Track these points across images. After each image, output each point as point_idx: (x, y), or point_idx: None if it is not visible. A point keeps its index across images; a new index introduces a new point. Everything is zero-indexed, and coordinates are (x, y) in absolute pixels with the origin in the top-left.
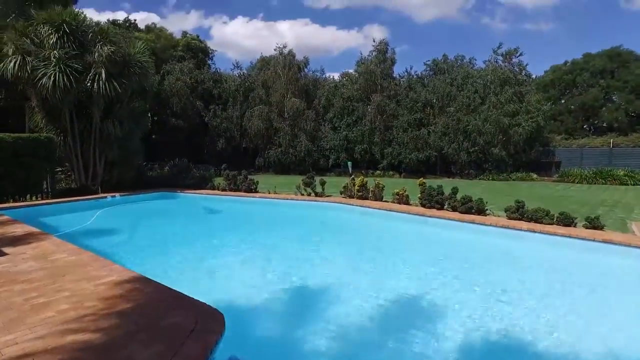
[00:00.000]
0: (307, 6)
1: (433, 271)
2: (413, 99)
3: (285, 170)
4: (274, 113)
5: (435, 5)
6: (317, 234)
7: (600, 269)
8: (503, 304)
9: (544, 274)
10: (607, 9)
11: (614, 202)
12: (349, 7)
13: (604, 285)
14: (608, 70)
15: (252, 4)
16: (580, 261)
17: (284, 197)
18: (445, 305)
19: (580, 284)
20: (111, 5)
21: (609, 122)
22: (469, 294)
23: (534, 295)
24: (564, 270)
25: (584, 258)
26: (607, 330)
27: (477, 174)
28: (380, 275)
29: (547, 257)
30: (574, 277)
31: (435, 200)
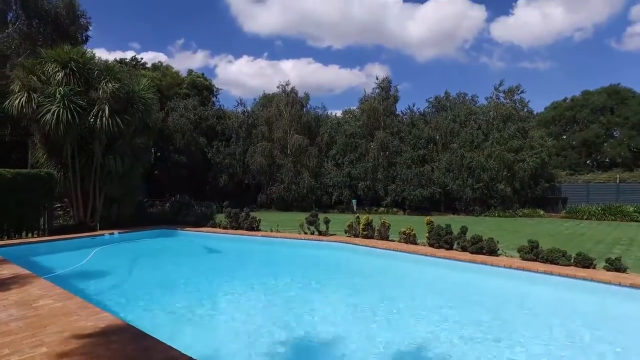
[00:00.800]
0: (310, 46)
1: (448, 320)
2: (416, 136)
3: (288, 207)
4: (277, 149)
5: (434, 45)
6: (321, 278)
7: (632, 319)
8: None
9: (569, 322)
10: (599, 49)
11: (629, 240)
12: (350, 46)
13: (637, 338)
14: (608, 107)
15: (257, 45)
16: (608, 309)
17: (286, 236)
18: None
19: (612, 336)
20: (121, 45)
21: (612, 158)
22: (491, 348)
23: (562, 347)
24: (592, 319)
25: (611, 305)
26: None
27: (482, 210)
28: (391, 324)
29: (571, 304)
30: (603, 328)
31: (444, 239)
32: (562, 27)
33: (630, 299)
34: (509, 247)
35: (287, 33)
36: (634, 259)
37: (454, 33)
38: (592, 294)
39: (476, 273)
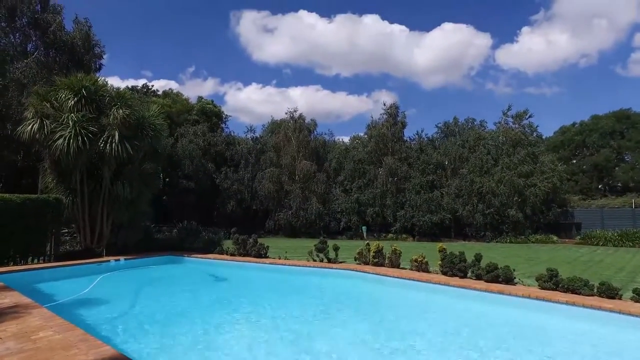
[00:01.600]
0: (319, 74)
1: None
2: (425, 161)
3: (296, 233)
4: (285, 175)
5: (440, 72)
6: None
7: None
8: None
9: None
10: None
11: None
12: (357, 74)
13: None
14: (617, 131)
15: (267, 73)
16: None
17: (295, 263)
18: None
19: None
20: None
21: (625, 182)
22: None
23: None
24: (624, 355)
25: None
26: None
27: (493, 236)
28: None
29: (599, 338)
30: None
31: (457, 267)
32: (567, 53)
33: None
34: (525, 275)
35: (296, 62)
36: None
37: (459, 60)
38: (622, 327)
39: (493, 303)
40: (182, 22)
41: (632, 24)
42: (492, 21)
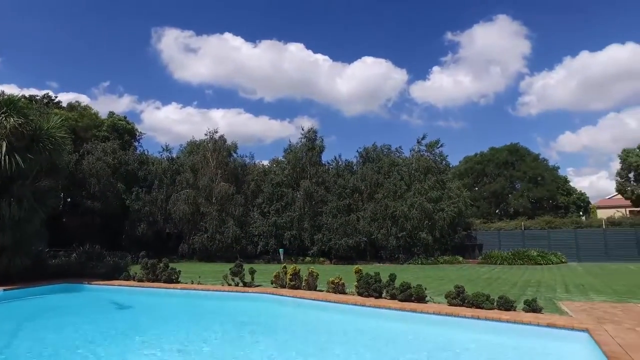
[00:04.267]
0: (242, 97)
1: None
2: (341, 185)
3: (211, 257)
4: (202, 197)
5: (360, 102)
6: (245, 332)
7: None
8: None
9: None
10: (499, 113)
11: (537, 282)
12: (281, 99)
13: None
14: (510, 162)
15: (188, 93)
16: (532, 350)
17: (208, 288)
18: None
19: None
20: (37, 83)
21: (516, 208)
22: None
23: None
24: None
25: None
26: None
27: (406, 258)
28: None
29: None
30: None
31: (372, 288)
32: (470, 92)
33: (550, 338)
34: (435, 293)
35: (219, 83)
36: (544, 300)
37: (378, 92)
38: (516, 335)
39: (406, 321)
40: (97, 33)
41: (519, 72)
42: (408, 59)
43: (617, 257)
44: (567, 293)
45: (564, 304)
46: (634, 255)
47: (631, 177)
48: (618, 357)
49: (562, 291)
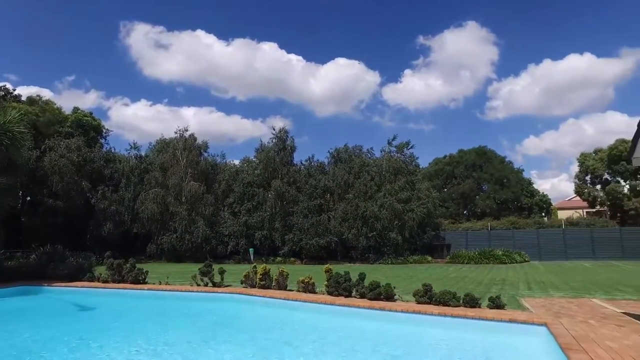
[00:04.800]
0: (214, 95)
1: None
2: (312, 185)
3: (181, 257)
4: (171, 196)
5: (333, 102)
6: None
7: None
8: None
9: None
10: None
11: (502, 280)
12: (253, 99)
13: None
14: (477, 164)
15: (158, 90)
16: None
17: (177, 288)
18: None
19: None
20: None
21: (483, 209)
22: None
23: None
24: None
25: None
26: None
27: (376, 258)
28: None
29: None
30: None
31: (342, 287)
32: (441, 96)
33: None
34: (404, 292)
35: (191, 81)
36: (508, 297)
37: (351, 93)
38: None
39: (375, 320)
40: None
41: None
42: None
43: (574, 255)
44: (529, 290)
45: (525, 301)
46: (589, 253)
47: (588, 180)
48: (570, 347)
49: (525, 288)
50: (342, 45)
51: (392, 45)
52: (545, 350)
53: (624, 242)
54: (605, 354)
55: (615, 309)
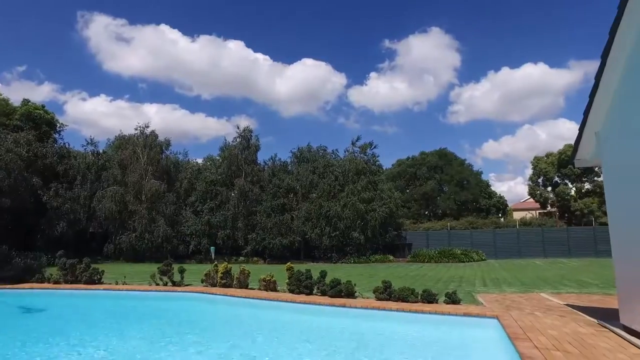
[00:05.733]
0: (178, 92)
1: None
2: (276, 185)
3: (140, 258)
4: (130, 195)
5: (299, 103)
6: (172, 332)
7: (473, 341)
8: None
9: (423, 353)
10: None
11: (459, 278)
12: (219, 97)
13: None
14: (439, 166)
15: (119, 85)
16: (450, 336)
17: (134, 288)
18: None
19: None
20: None
21: (444, 209)
22: None
23: None
24: (441, 348)
25: (454, 332)
26: None
27: (339, 257)
28: None
29: (420, 334)
30: (449, 353)
31: (304, 285)
32: (405, 99)
33: (466, 325)
34: (365, 289)
35: (153, 77)
36: (464, 293)
37: (317, 94)
38: (438, 325)
39: (336, 316)
40: (11, 11)
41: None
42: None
43: (527, 253)
44: (484, 286)
45: (480, 296)
46: (540, 252)
47: (540, 183)
48: (517, 336)
49: (480, 285)
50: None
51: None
52: (496, 340)
53: (571, 241)
54: (546, 340)
55: (559, 301)
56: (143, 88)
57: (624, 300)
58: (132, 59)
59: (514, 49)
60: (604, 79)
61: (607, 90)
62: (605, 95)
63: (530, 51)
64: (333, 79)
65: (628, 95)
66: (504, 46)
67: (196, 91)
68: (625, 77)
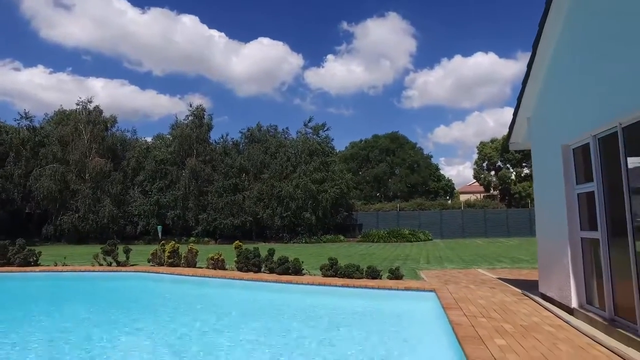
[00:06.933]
0: (126, 67)
1: (254, 339)
2: (228, 165)
3: (84, 239)
4: (72, 173)
5: (255, 82)
6: (112, 312)
7: (404, 313)
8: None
9: (363, 324)
10: (386, 104)
11: (405, 256)
12: (171, 74)
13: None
14: (391, 149)
15: (60, 56)
16: (391, 308)
17: (75, 269)
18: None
19: (387, 328)
20: None
21: (395, 191)
22: None
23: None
24: (381, 318)
25: (395, 304)
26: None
27: (290, 237)
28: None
29: (364, 309)
30: (388, 322)
31: (252, 263)
32: (361, 82)
33: (406, 298)
34: (313, 268)
35: (99, 49)
36: (407, 270)
37: (273, 75)
38: (381, 298)
39: (282, 292)
40: None
41: (405, 68)
42: (305, 44)
43: (470, 233)
44: (427, 264)
45: (422, 272)
46: (482, 231)
47: (485, 167)
48: (450, 306)
49: (424, 262)
50: (267, 25)
51: (316, 29)
52: (431, 310)
53: (509, 222)
54: (475, 309)
55: (493, 275)
56: (88, 61)
57: (542, 272)
58: (73, 28)
59: (467, 37)
60: (534, 67)
61: (536, 78)
62: (535, 82)
63: (482, 40)
64: (290, 60)
65: (547, 84)
66: (458, 34)
67: (147, 67)
68: (550, 67)
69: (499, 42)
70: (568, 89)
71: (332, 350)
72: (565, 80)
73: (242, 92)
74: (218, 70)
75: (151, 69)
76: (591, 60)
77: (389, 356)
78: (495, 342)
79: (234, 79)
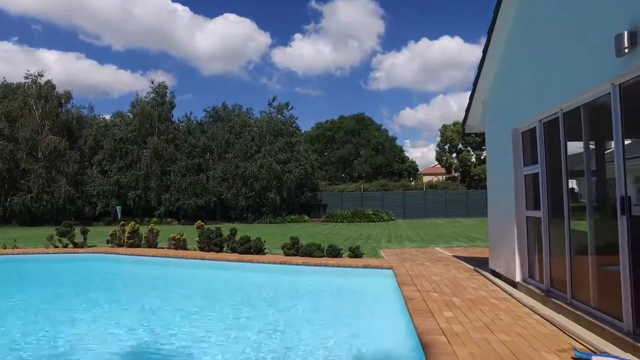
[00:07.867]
0: (82, 40)
1: (215, 315)
2: (192, 144)
3: (37, 221)
4: (23, 152)
5: (220, 60)
6: (67, 295)
7: (365, 289)
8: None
9: (320, 300)
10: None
11: (367, 236)
12: (132, 49)
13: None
14: (356, 130)
15: (4, 23)
16: (349, 285)
17: (27, 251)
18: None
19: (344, 302)
20: None
21: (359, 172)
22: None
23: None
24: (339, 294)
25: (353, 281)
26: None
27: (255, 218)
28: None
29: (323, 285)
30: (345, 298)
31: (214, 242)
32: (329, 63)
33: (365, 275)
34: (275, 247)
35: (51, 20)
36: (368, 249)
37: (239, 52)
38: (339, 275)
39: (244, 270)
40: None
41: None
42: (272, 22)
43: (432, 214)
44: (388, 243)
45: (383, 251)
46: (442, 212)
47: (447, 149)
48: (405, 282)
49: (385, 241)
50: (233, 0)
51: (284, 7)
52: (387, 286)
53: (469, 203)
54: (428, 284)
55: (449, 253)
56: (38, 30)
57: (492, 249)
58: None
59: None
60: (490, 53)
61: (492, 63)
62: (490, 68)
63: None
64: (257, 38)
65: (501, 70)
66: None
67: (106, 41)
68: (503, 53)
69: (465, 27)
70: (519, 74)
71: (288, 323)
72: (517, 66)
73: (207, 70)
74: (182, 46)
75: (111, 43)
76: (538, 47)
77: (341, 331)
78: (443, 314)
79: (199, 56)
